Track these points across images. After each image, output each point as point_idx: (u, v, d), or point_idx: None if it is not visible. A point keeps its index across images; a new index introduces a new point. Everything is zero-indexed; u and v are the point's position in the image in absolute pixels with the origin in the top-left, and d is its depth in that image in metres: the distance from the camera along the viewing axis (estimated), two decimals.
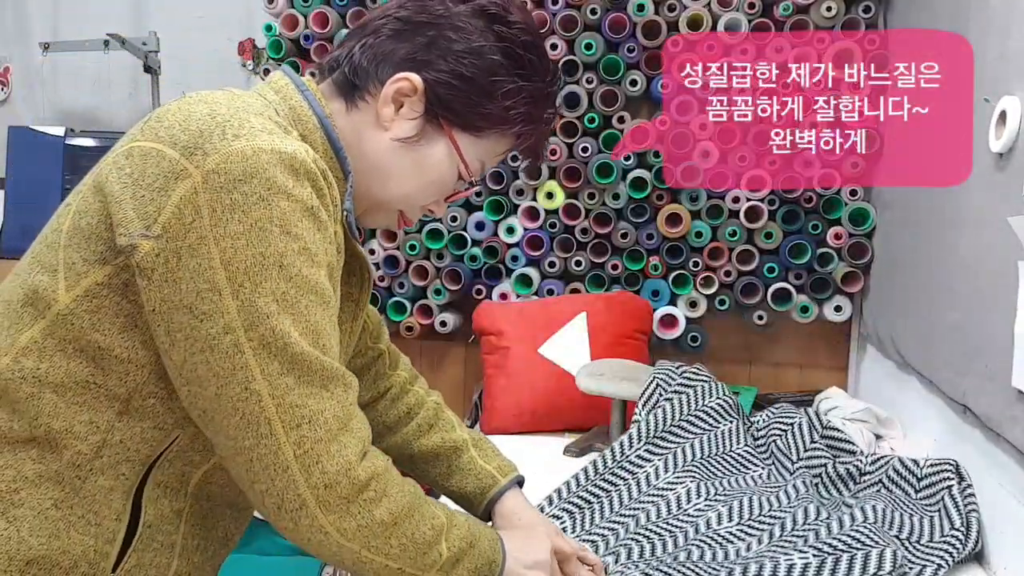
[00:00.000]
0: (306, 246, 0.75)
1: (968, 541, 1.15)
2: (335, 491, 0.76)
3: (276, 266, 0.74)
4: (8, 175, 2.48)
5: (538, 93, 0.91)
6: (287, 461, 0.74)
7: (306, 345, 0.75)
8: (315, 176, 0.77)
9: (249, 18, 2.48)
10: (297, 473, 0.75)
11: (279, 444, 0.74)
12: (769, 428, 1.52)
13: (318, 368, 0.76)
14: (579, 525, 1.25)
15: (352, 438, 0.78)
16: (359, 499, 0.78)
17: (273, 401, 0.74)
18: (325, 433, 0.76)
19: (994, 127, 1.19)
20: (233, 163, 0.72)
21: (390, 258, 2.18)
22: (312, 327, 0.76)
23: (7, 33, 2.68)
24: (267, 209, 0.73)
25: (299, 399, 0.75)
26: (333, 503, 0.76)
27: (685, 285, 2.08)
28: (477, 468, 1.11)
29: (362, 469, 0.78)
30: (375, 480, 0.80)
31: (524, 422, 1.83)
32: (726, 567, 1.07)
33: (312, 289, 0.76)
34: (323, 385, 0.76)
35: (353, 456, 0.78)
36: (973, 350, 1.26)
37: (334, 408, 0.77)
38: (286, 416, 0.74)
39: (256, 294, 0.73)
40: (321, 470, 0.75)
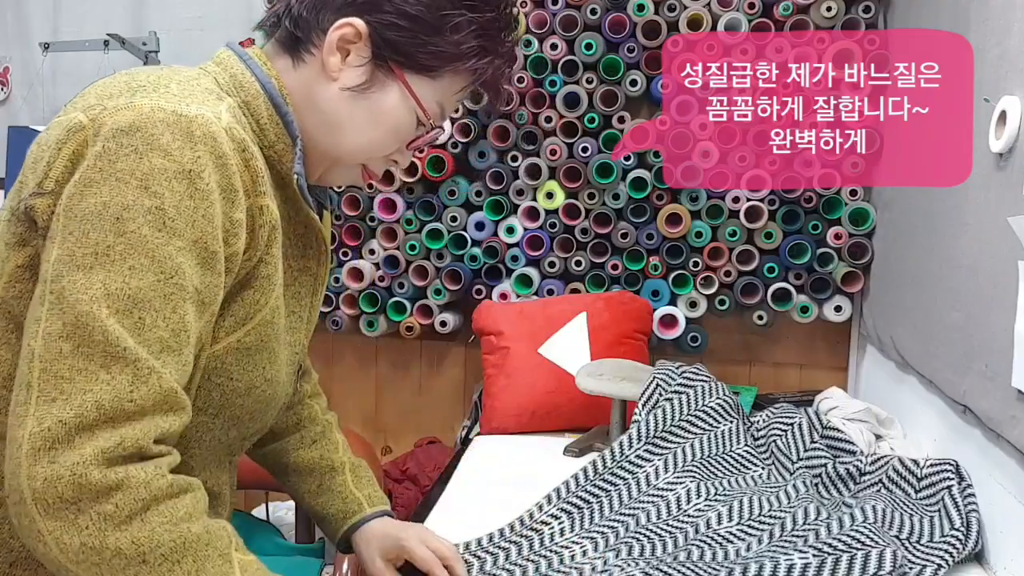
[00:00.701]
0: (162, 207, 0.67)
1: (968, 541, 1.15)
2: (54, 488, 0.63)
3: (113, 218, 0.66)
4: (8, 175, 2.48)
5: (490, 24, 0.86)
6: (22, 437, 0.64)
7: (103, 311, 0.65)
8: (215, 141, 0.71)
9: (249, 18, 2.47)
10: (24, 456, 0.63)
11: (26, 415, 0.64)
12: (769, 428, 1.52)
13: (101, 341, 0.65)
14: (578, 524, 1.25)
15: (108, 434, 0.65)
16: (91, 510, 0.64)
17: (40, 364, 0.65)
18: (75, 417, 0.64)
19: (994, 127, 1.19)
20: (124, 116, 0.69)
21: (390, 258, 2.17)
22: (128, 294, 0.66)
23: (7, 33, 2.68)
24: (136, 162, 0.67)
25: (67, 371, 0.64)
26: (51, 504, 0.63)
27: (685, 285, 2.08)
28: (346, 492, 1.08)
29: (102, 472, 0.64)
30: (122, 493, 0.65)
31: (524, 422, 1.83)
32: (726, 567, 1.07)
33: (148, 253, 0.67)
34: (103, 364, 0.65)
35: (95, 454, 0.64)
36: (973, 350, 1.26)
37: (104, 394, 0.65)
38: (46, 386, 0.64)
39: (79, 244, 0.66)
40: (50, 459, 0.63)
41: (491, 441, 1.80)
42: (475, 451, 1.72)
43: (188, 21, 2.53)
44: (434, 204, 2.14)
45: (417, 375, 2.37)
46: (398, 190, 2.15)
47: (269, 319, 0.82)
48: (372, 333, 2.21)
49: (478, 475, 1.56)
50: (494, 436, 1.83)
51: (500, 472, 1.58)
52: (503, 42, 0.88)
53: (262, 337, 0.82)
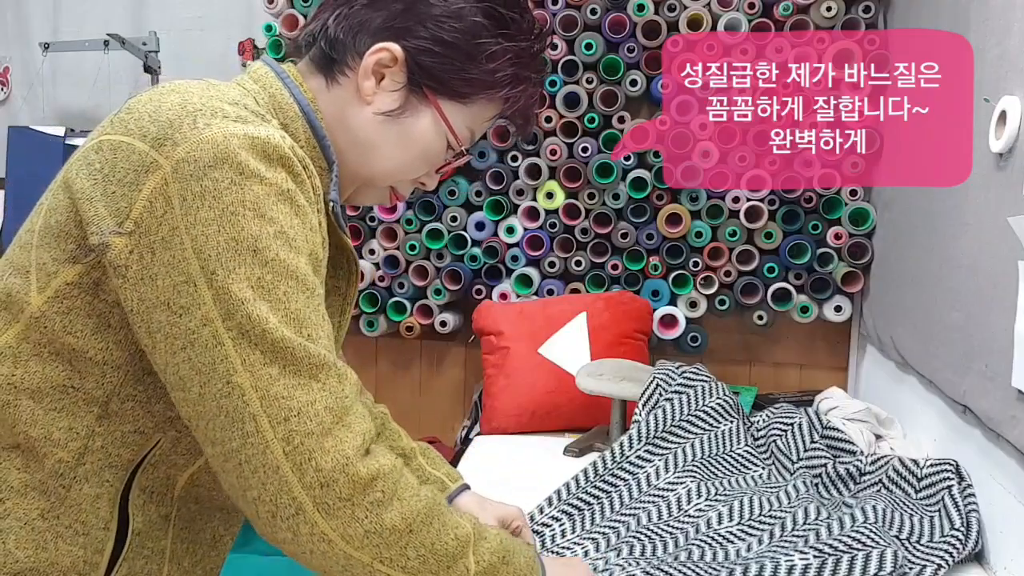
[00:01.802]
0: (282, 230, 0.71)
1: (968, 541, 1.15)
2: (333, 491, 0.69)
3: (250, 251, 0.69)
4: (8, 175, 2.48)
5: (523, 52, 0.86)
6: (277, 460, 0.68)
7: (288, 332, 0.69)
8: (290, 161, 0.73)
9: (249, 18, 2.48)
10: (289, 472, 0.68)
11: (266, 441, 0.68)
12: (769, 428, 1.52)
13: (303, 356, 0.70)
14: (579, 525, 1.25)
15: (349, 432, 0.71)
16: (364, 501, 0.71)
17: (257, 394, 0.68)
18: (317, 426, 0.69)
19: (994, 127, 1.19)
20: (203, 150, 0.69)
21: (390, 258, 2.17)
22: (293, 314, 0.71)
23: (7, 33, 2.68)
24: (239, 193, 0.69)
25: (285, 390, 0.69)
26: (333, 505, 0.70)
27: (685, 285, 2.08)
28: (426, 475, 1.08)
29: (363, 466, 0.71)
30: (380, 480, 0.73)
31: (524, 422, 1.83)
32: (726, 567, 1.07)
33: (291, 275, 0.71)
34: (311, 375, 0.70)
35: (351, 451, 0.71)
36: (973, 350, 1.26)
37: (326, 399, 0.71)
38: (272, 410, 0.68)
39: (230, 280, 0.68)
40: (315, 467, 0.69)
41: (491, 441, 1.80)
42: (475, 451, 1.73)
43: (188, 21, 2.53)
44: (434, 204, 2.14)
45: (417, 375, 2.37)
46: None
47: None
48: (372, 333, 2.21)
49: (478, 475, 1.55)
50: (494, 436, 1.83)
51: (500, 472, 1.58)
52: (535, 70, 0.89)
53: None
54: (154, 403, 0.76)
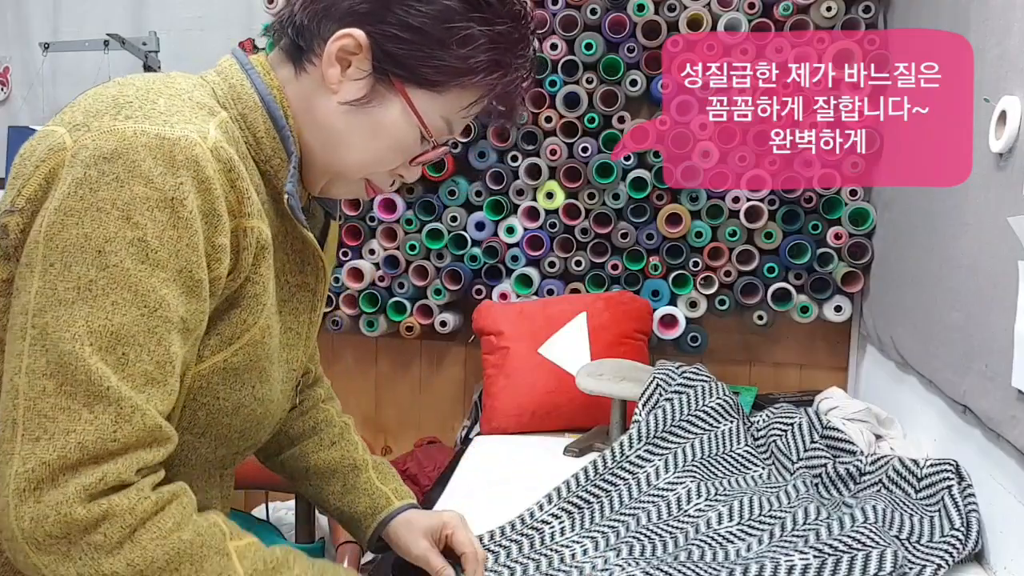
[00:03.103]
0: (144, 238, 0.66)
1: (968, 541, 1.15)
2: (42, 527, 0.64)
3: (95, 250, 0.65)
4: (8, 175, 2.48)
5: (500, 37, 0.81)
6: (8, 476, 0.64)
7: (86, 349, 0.65)
8: (197, 166, 0.69)
9: (249, 18, 2.48)
10: (11, 495, 0.64)
11: (11, 453, 0.65)
12: (769, 428, 1.52)
13: (84, 380, 0.65)
14: (578, 524, 1.25)
15: (88, 471, 0.65)
16: (82, 542, 0.65)
17: (25, 402, 0.65)
18: (57, 458, 0.64)
19: (994, 127, 1.19)
20: (106, 141, 0.67)
21: (390, 258, 2.17)
22: (112, 329, 0.66)
23: (7, 33, 2.68)
24: (116, 191, 0.66)
25: (51, 410, 0.64)
26: (42, 541, 0.65)
27: (685, 285, 2.08)
28: (372, 488, 1.06)
29: (84, 507, 0.65)
30: (107, 523, 0.66)
31: (524, 422, 1.83)
32: (726, 567, 1.07)
33: (130, 287, 0.66)
34: (86, 403, 0.65)
35: (75, 490, 0.65)
36: (973, 350, 1.26)
37: (87, 434, 0.65)
38: (30, 424, 0.64)
39: (60, 277, 0.65)
40: (35, 499, 0.64)
41: (491, 441, 1.80)
42: (475, 451, 1.73)
43: (188, 21, 2.53)
44: (434, 204, 2.14)
45: (417, 375, 2.37)
46: (398, 190, 2.15)
47: (259, 339, 0.81)
48: (372, 333, 2.21)
49: (478, 475, 1.56)
50: (494, 436, 1.83)
51: (500, 472, 1.58)
52: (518, 56, 0.84)
53: (251, 357, 0.80)
54: None
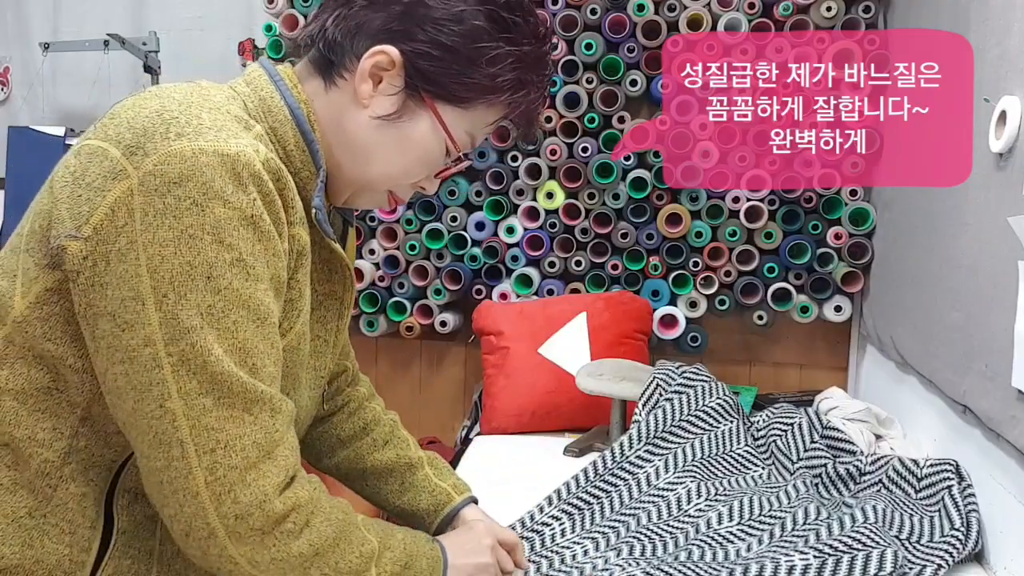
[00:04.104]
0: (241, 257, 0.71)
1: (968, 541, 1.15)
2: (247, 523, 0.72)
3: (204, 277, 0.69)
4: (8, 175, 2.48)
5: (526, 57, 0.84)
6: (197, 487, 0.70)
7: (230, 364, 0.71)
8: (261, 180, 0.72)
9: (249, 18, 2.48)
10: (207, 501, 0.71)
11: (190, 468, 0.70)
12: (769, 428, 1.52)
13: (240, 390, 0.71)
14: (579, 525, 1.25)
15: (273, 467, 0.73)
16: (275, 531, 0.74)
17: (188, 422, 0.70)
18: (241, 460, 0.71)
19: (994, 127, 1.19)
20: (170, 165, 0.69)
21: (390, 258, 2.17)
22: (239, 345, 0.71)
23: (7, 33, 2.68)
24: (200, 215, 0.69)
25: (216, 422, 0.70)
26: (244, 535, 0.72)
27: (685, 285, 2.08)
28: (432, 485, 1.08)
29: (280, 501, 0.74)
30: (296, 512, 0.75)
31: (524, 422, 1.83)
32: (726, 567, 1.07)
33: (243, 304, 0.71)
34: (245, 408, 0.72)
35: (271, 487, 0.73)
36: (973, 350, 1.26)
37: (255, 434, 0.72)
38: (200, 439, 0.70)
39: (180, 306, 0.69)
40: (233, 499, 0.71)
41: (491, 441, 1.80)
42: (475, 451, 1.73)
43: (188, 21, 2.53)
44: (434, 204, 2.14)
45: (417, 375, 2.37)
46: None
47: (295, 344, 0.83)
48: (372, 333, 2.21)
49: (478, 475, 1.56)
50: (494, 436, 1.83)
51: (500, 472, 1.58)
52: (539, 74, 0.87)
53: (287, 363, 0.82)
54: None
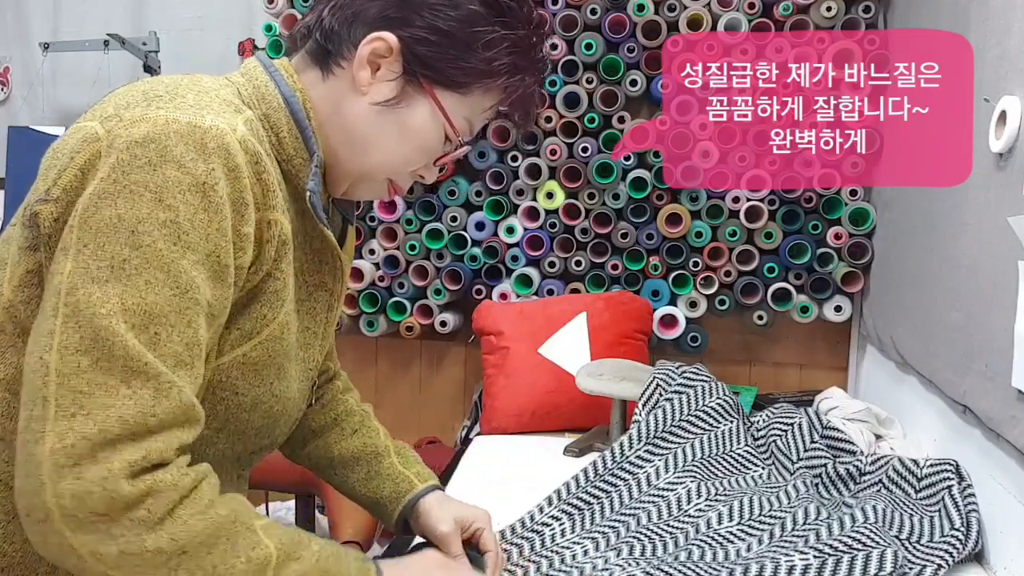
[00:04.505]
0: (176, 220, 0.67)
1: (968, 541, 1.15)
2: (85, 503, 0.63)
3: (128, 231, 0.66)
4: (8, 175, 2.49)
5: (522, 42, 0.85)
6: (42, 454, 0.63)
7: (121, 325, 0.65)
8: (228, 154, 0.70)
9: (249, 18, 2.48)
10: (46, 473, 0.63)
11: (44, 431, 0.63)
12: (769, 428, 1.52)
13: (122, 355, 0.65)
14: (579, 525, 1.25)
15: (132, 447, 0.65)
16: (123, 519, 0.64)
17: (57, 379, 0.64)
18: (98, 433, 0.63)
19: (994, 127, 1.19)
20: (138, 127, 0.69)
21: (390, 258, 2.17)
22: (145, 308, 0.66)
23: (7, 33, 2.68)
24: (150, 174, 0.67)
25: (86, 385, 0.64)
26: (83, 519, 0.63)
27: (685, 285, 2.08)
28: (395, 473, 1.08)
29: (130, 483, 0.64)
30: (152, 499, 0.65)
31: (524, 422, 1.83)
32: (726, 567, 1.07)
33: (163, 267, 0.67)
34: (123, 379, 0.65)
35: (120, 465, 0.64)
36: (973, 350, 1.26)
37: (125, 409, 0.64)
38: (64, 400, 0.63)
39: (94, 256, 0.66)
40: (75, 476, 0.63)
41: (491, 441, 1.80)
42: (475, 451, 1.72)
43: (188, 21, 2.54)
44: (434, 204, 2.14)
45: (417, 375, 2.37)
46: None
47: (278, 334, 0.82)
48: (372, 333, 2.21)
49: (478, 475, 1.56)
50: (494, 436, 1.83)
51: (500, 472, 1.58)
52: (534, 59, 0.88)
53: (270, 352, 0.81)
54: None
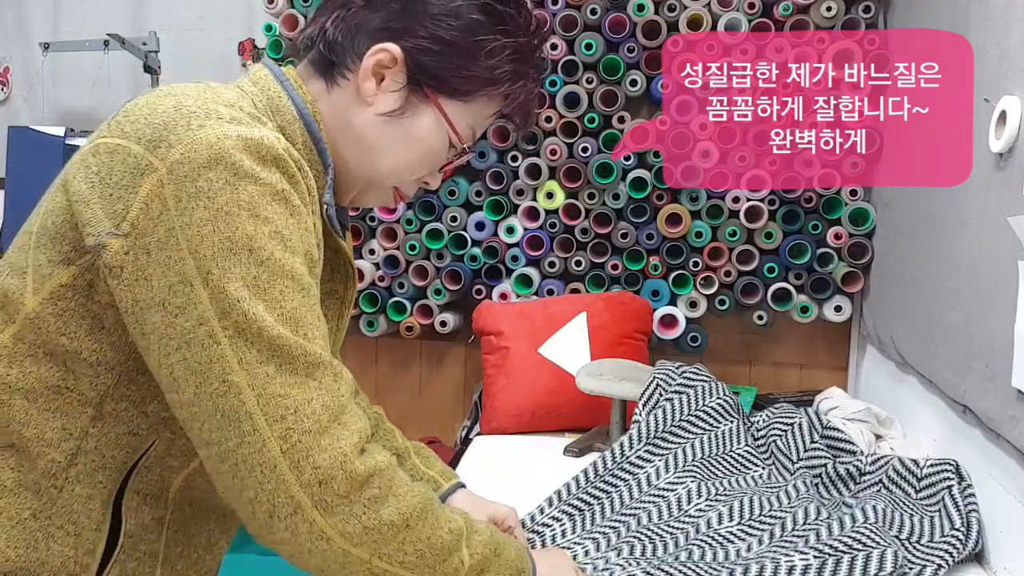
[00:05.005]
0: (277, 230, 0.71)
1: (968, 541, 1.15)
2: (331, 487, 0.70)
3: (245, 250, 0.69)
4: (8, 175, 2.48)
5: (522, 48, 0.86)
6: (274, 458, 0.68)
7: (284, 330, 0.70)
8: (284, 162, 0.74)
9: (249, 18, 2.48)
10: (286, 471, 0.68)
11: (264, 440, 0.68)
12: (769, 428, 1.52)
13: (300, 354, 0.70)
14: (579, 526, 1.25)
15: (345, 430, 0.72)
16: (361, 498, 0.72)
17: (253, 392, 0.68)
18: (313, 424, 0.70)
19: (994, 127, 1.19)
20: (197, 151, 0.70)
21: (390, 258, 2.17)
22: (289, 313, 0.71)
23: (7, 33, 2.68)
24: (234, 193, 0.69)
25: (281, 388, 0.69)
26: (331, 502, 0.70)
27: (685, 285, 2.08)
28: (420, 474, 1.09)
29: (360, 463, 0.72)
30: (377, 476, 0.73)
31: (524, 422, 1.83)
32: (727, 567, 1.07)
33: (287, 274, 0.71)
34: (308, 373, 0.71)
35: (348, 448, 0.71)
36: (973, 350, 1.26)
37: (322, 398, 0.71)
38: (268, 408, 0.68)
39: (226, 280, 0.69)
40: (313, 465, 0.69)
41: (491, 441, 1.80)
42: (475, 451, 1.72)
43: (188, 21, 2.54)
44: (434, 204, 2.14)
45: (417, 375, 2.37)
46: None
47: None
48: (372, 333, 2.21)
49: (478, 475, 1.56)
50: (494, 436, 1.83)
51: (500, 472, 1.58)
52: (533, 66, 0.89)
53: None
54: (148, 403, 0.76)
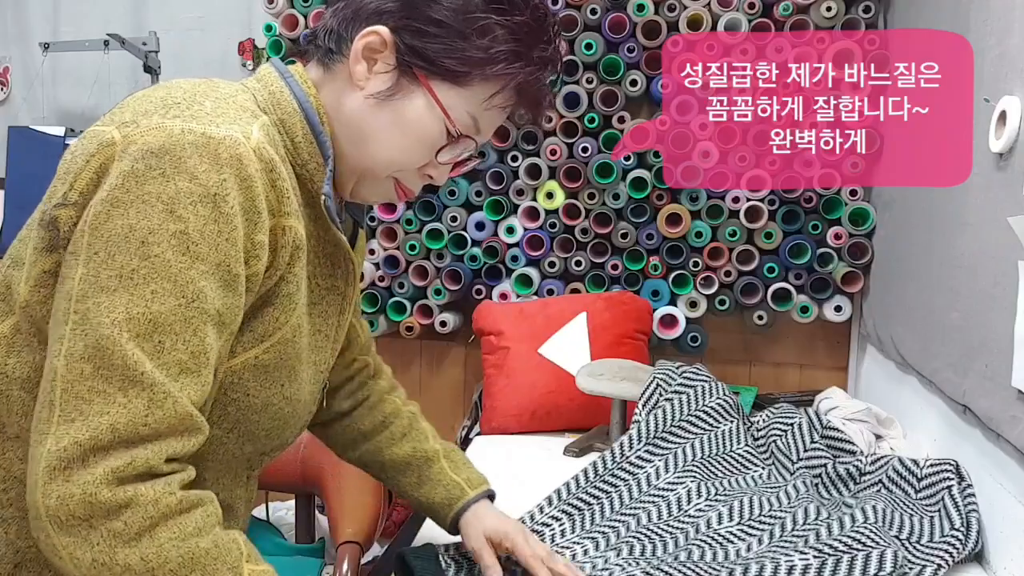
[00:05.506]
0: (186, 231, 0.68)
1: (968, 541, 1.15)
2: (67, 506, 0.65)
3: (139, 241, 0.67)
4: (8, 175, 2.49)
5: (519, 27, 0.83)
6: (44, 455, 0.66)
7: (123, 335, 0.66)
8: (240, 163, 0.71)
9: (249, 18, 2.48)
10: (40, 474, 0.65)
11: (46, 434, 0.66)
12: (769, 428, 1.52)
13: (121, 365, 0.66)
14: (579, 526, 1.25)
15: (119, 455, 0.66)
16: (102, 527, 0.66)
17: (62, 384, 0.66)
18: (90, 439, 0.65)
19: (994, 127, 1.19)
20: (155, 137, 0.69)
21: (390, 258, 2.17)
22: (150, 317, 0.67)
23: (7, 33, 2.68)
24: (162, 185, 0.68)
25: (87, 392, 0.66)
26: (64, 521, 0.65)
27: (685, 285, 2.08)
28: (446, 479, 1.09)
29: (110, 491, 0.66)
30: (131, 511, 0.66)
31: (524, 422, 1.83)
32: (726, 567, 1.07)
33: (171, 278, 0.68)
34: (121, 388, 0.66)
35: (103, 472, 0.65)
36: (973, 350, 1.26)
37: (120, 417, 0.66)
38: (67, 406, 0.66)
39: (103, 265, 0.67)
40: (64, 478, 0.65)
41: (491, 441, 1.80)
42: (475, 451, 1.72)
43: (188, 21, 2.54)
44: (434, 204, 2.14)
45: (417, 375, 2.37)
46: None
47: (290, 337, 0.82)
48: (372, 333, 2.20)
49: None
50: (494, 436, 1.83)
51: (500, 472, 1.57)
52: (539, 48, 0.86)
53: (281, 355, 0.82)
54: None
